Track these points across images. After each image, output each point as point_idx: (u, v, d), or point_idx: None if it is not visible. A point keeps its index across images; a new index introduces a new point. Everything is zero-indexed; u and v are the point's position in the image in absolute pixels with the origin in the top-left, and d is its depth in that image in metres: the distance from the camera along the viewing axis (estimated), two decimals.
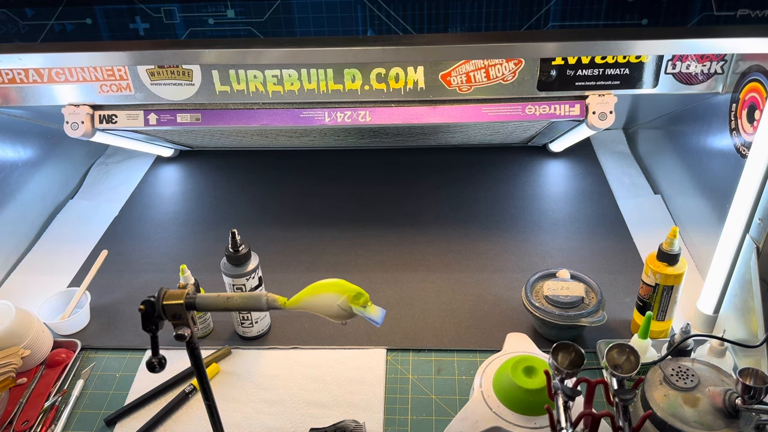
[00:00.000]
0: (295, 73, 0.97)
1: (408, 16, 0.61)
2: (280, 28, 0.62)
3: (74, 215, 1.32)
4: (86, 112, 1.04)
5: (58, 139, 1.31)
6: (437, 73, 0.96)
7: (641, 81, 0.94)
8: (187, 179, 1.44)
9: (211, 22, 0.62)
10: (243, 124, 1.03)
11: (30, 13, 0.62)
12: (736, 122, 0.91)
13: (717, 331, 0.92)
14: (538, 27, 0.61)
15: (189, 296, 0.62)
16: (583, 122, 0.98)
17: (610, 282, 1.05)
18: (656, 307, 0.90)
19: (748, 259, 0.84)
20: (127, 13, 0.62)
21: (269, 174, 1.43)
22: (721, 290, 0.90)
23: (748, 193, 0.82)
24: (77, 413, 0.88)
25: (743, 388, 0.68)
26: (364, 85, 0.97)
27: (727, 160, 0.94)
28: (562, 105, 0.97)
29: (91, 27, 0.62)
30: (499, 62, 0.94)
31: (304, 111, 1.01)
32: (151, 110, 1.04)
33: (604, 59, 0.93)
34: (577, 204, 1.27)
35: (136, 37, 0.63)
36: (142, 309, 0.58)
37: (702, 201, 1.05)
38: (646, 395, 0.75)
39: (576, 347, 0.70)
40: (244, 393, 0.89)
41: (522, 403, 0.77)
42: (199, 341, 0.96)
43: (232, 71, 0.98)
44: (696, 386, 0.75)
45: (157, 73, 0.99)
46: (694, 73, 0.94)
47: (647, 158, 1.36)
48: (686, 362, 0.79)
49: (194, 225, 1.28)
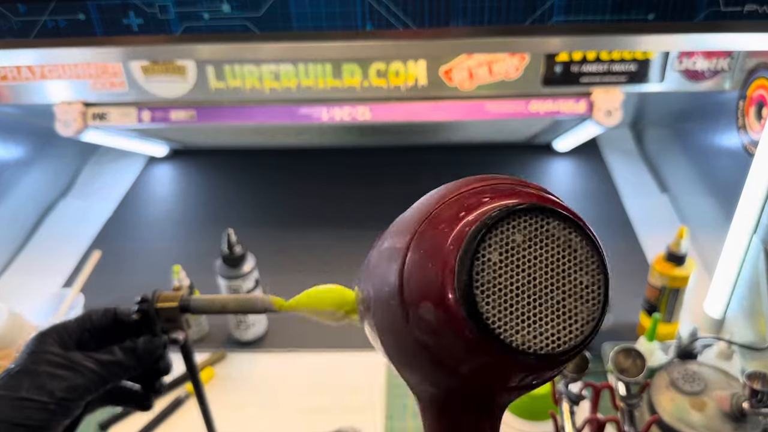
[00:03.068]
0: (292, 69, 0.95)
1: (408, 9, 0.60)
2: (277, 22, 0.61)
3: (67, 215, 1.30)
4: (78, 110, 1.02)
5: (49, 138, 1.29)
6: (439, 69, 0.94)
7: (647, 77, 0.93)
8: (181, 179, 1.42)
9: (206, 17, 0.61)
10: (239, 121, 1.01)
11: (22, 9, 0.61)
12: (744, 120, 0.89)
13: (724, 333, 0.91)
14: (542, 22, 0.60)
15: (184, 299, 0.60)
16: (589, 119, 0.97)
17: (616, 283, 1.03)
18: (663, 309, 0.88)
19: (756, 260, 0.83)
20: (120, 9, 0.61)
21: (266, 173, 1.42)
22: (729, 292, 0.89)
23: (756, 193, 0.80)
24: None
25: (750, 392, 0.67)
26: (364, 81, 0.95)
27: (735, 158, 0.92)
28: (567, 102, 0.95)
29: (85, 23, 0.61)
30: (502, 58, 0.93)
31: (302, 108, 0.99)
32: (144, 107, 1.02)
33: (610, 55, 0.92)
34: (582, 203, 1.26)
35: (129, 33, 0.62)
36: (139, 317, 0.56)
37: (709, 200, 1.04)
38: (652, 399, 0.74)
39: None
40: (240, 398, 0.88)
41: (526, 408, 0.76)
42: (194, 345, 0.95)
43: (227, 67, 0.97)
44: (703, 390, 0.74)
45: (151, 69, 0.98)
46: (701, 69, 0.93)
47: (654, 157, 1.35)
48: (693, 366, 0.78)
49: (189, 225, 1.27)
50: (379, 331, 0.26)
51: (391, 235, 0.26)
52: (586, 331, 0.23)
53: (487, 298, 0.22)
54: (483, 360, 0.22)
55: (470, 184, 0.25)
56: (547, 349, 0.22)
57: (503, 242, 0.22)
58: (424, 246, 0.23)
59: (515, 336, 0.22)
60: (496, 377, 0.23)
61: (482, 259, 0.22)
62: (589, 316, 0.23)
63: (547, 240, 0.23)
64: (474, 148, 1.44)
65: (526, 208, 0.22)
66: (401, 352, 0.25)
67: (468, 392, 0.25)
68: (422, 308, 0.23)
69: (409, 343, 0.24)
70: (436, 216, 0.24)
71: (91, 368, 0.42)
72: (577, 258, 0.23)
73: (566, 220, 0.23)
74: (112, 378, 0.43)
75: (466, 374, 0.23)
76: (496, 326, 0.22)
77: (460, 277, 0.22)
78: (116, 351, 0.44)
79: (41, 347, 0.42)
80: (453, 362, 0.23)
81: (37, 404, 0.39)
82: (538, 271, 0.22)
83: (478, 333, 0.22)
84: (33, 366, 0.41)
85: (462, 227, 0.22)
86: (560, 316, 0.22)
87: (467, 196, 0.24)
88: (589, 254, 0.23)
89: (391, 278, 0.24)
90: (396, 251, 0.24)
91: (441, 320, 0.22)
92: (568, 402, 0.67)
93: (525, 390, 0.25)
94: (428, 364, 0.24)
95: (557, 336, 0.22)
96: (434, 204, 0.25)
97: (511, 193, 0.24)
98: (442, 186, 0.27)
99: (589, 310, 0.23)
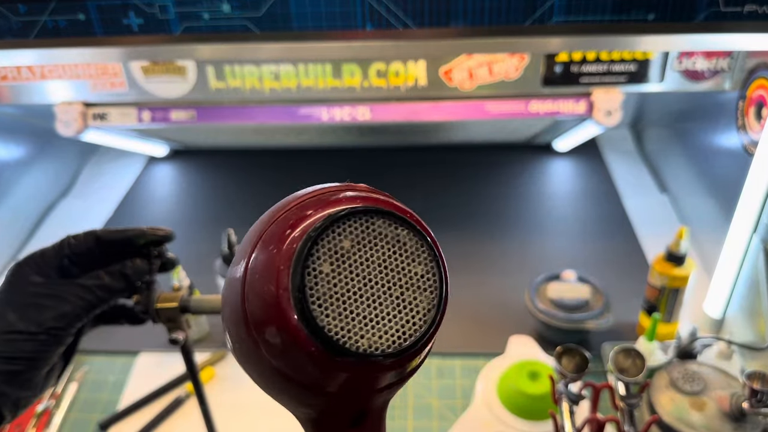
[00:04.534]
0: (292, 69, 0.95)
1: (408, 9, 0.60)
2: (277, 22, 0.61)
3: (67, 215, 1.30)
4: (79, 110, 1.02)
5: (50, 138, 1.29)
6: (439, 69, 0.94)
7: (647, 77, 0.93)
8: (181, 179, 1.42)
9: (206, 17, 0.61)
10: (239, 121, 1.01)
11: (23, 9, 0.61)
12: (744, 120, 0.89)
13: (724, 333, 0.91)
14: (542, 22, 0.60)
15: (184, 299, 0.60)
16: (589, 120, 0.97)
17: (615, 283, 1.03)
18: (663, 309, 0.88)
19: (756, 260, 0.83)
20: (120, 9, 0.61)
21: (266, 173, 1.41)
22: (728, 292, 0.89)
23: (755, 193, 0.80)
24: (70, 417, 0.86)
25: (750, 392, 0.67)
26: (364, 81, 0.95)
27: (735, 158, 0.92)
28: (567, 102, 0.95)
29: (85, 23, 0.61)
30: (502, 58, 0.93)
31: (302, 108, 0.99)
32: (144, 107, 1.02)
33: (610, 55, 0.92)
34: (582, 204, 1.26)
35: (129, 33, 0.62)
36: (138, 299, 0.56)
37: (709, 200, 1.04)
38: (652, 399, 0.74)
39: (580, 351, 0.68)
40: (240, 398, 0.87)
41: (526, 408, 0.76)
42: (194, 345, 0.95)
43: (227, 67, 0.96)
44: (703, 390, 0.74)
45: (151, 69, 0.98)
46: (700, 69, 0.93)
47: (654, 157, 1.35)
48: (693, 366, 0.78)
49: (189, 225, 1.26)
50: (242, 365, 0.26)
51: (233, 264, 0.26)
52: (428, 319, 0.23)
53: (325, 310, 0.22)
54: (339, 373, 0.23)
55: (297, 198, 0.25)
56: (394, 346, 0.22)
57: (331, 252, 0.22)
58: (258, 270, 0.23)
59: (361, 341, 0.22)
60: (359, 385, 0.23)
61: (314, 273, 0.22)
62: (429, 305, 0.23)
63: (375, 240, 0.23)
64: (474, 148, 1.44)
65: (347, 214, 0.23)
66: (264, 381, 0.25)
67: (340, 406, 0.25)
68: (268, 333, 0.23)
69: (268, 371, 0.24)
70: (266, 237, 0.24)
71: (78, 294, 0.41)
72: (408, 251, 0.23)
73: (390, 217, 0.23)
74: (100, 302, 0.42)
75: (331, 390, 0.23)
76: (339, 336, 0.22)
77: (295, 295, 0.22)
78: (102, 275, 0.43)
79: (21, 279, 0.40)
80: (312, 382, 0.23)
81: (26, 336, 0.38)
82: (372, 272, 0.23)
83: (324, 347, 0.22)
84: (17, 298, 0.39)
85: (289, 245, 0.22)
86: (401, 311, 0.23)
87: (294, 210, 0.24)
88: (418, 245, 0.24)
89: (237, 308, 0.24)
90: (236, 281, 0.24)
91: (286, 342, 0.22)
92: (567, 402, 0.67)
93: (396, 386, 0.25)
94: (292, 388, 0.24)
95: (402, 331, 0.23)
96: (265, 225, 0.25)
97: (335, 201, 0.24)
98: (278, 202, 0.26)
99: (428, 299, 0.23)
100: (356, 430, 0.26)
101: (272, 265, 0.22)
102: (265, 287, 0.22)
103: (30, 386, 0.39)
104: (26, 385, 0.38)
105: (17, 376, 0.38)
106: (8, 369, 0.37)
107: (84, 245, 0.43)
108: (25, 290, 0.40)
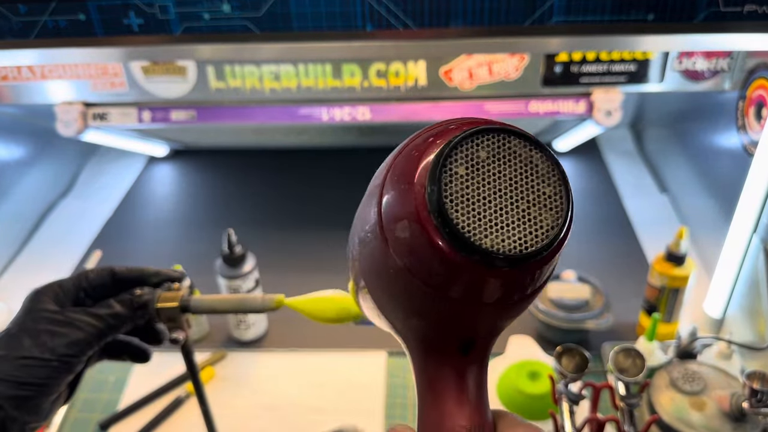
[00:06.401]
0: (292, 69, 0.95)
1: (408, 10, 0.60)
2: (277, 22, 0.61)
3: (67, 215, 1.30)
4: (79, 110, 1.02)
5: (50, 138, 1.29)
6: (438, 69, 0.94)
7: (647, 77, 0.93)
8: (182, 179, 1.42)
9: (206, 17, 0.61)
10: (239, 121, 1.01)
11: (23, 9, 0.61)
12: (743, 120, 0.89)
13: (724, 333, 0.91)
14: (542, 22, 0.60)
15: (184, 299, 0.60)
16: (589, 120, 0.97)
17: (615, 283, 1.03)
18: (663, 309, 0.88)
19: (756, 260, 0.83)
20: (120, 9, 0.61)
21: (266, 173, 1.41)
22: (728, 292, 0.89)
23: (755, 193, 0.80)
24: (70, 417, 0.86)
25: (750, 392, 0.67)
26: (364, 81, 0.95)
27: (735, 158, 0.92)
28: (567, 102, 0.95)
29: (85, 23, 0.61)
30: (502, 58, 0.93)
31: (302, 108, 0.99)
32: (144, 107, 1.02)
33: (610, 55, 0.92)
34: (582, 204, 1.26)
35: (130, 33, 0.62)
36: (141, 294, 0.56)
37: (709, 200, 1.04)
38: (652, 399, 0.74)
39: (580, 350, 0.68)
40: (240, 398, 0.87)
41: (525, 408, 0.76)
42: (194, 345, 0.95)
43: (227, 67, 0.96)
44: (702, 390, 0.74)
45: (151, 69, 0.98)
46: (700, 69, 0.93)
47: (654, 157, 1.35)
48: (693, 365, 0.78)
49: (189, 225, 1.26)
50: (365, 279, 0.28)
51: (373, 180, 0.28)
52: (550, 235, 0.24)
53: (455, 206, 0.24)
54: (460, 273, 0.24)
55: (437, 124, 0.28)
56: (515, 251, 0.24)
57: (469, 158, 0.24)
58: (398, 173, 0.25)
59: (484, 240, 0.23)
60: (476, 293, 0.25)
61: (449, 173, 0.24)
62: (553, 223, 0.24)
63: (510, 156, 0.25)
64: None
65: (488, 129, 0.24)
66: (385, 287, 0.27)
67: (454, 321, 0.27)
68: (399, 228, 0.24)
69: (393, 272, 0.25)
70: (408, 149, 0.26)
71: (90, 322, 0.42)
72: (539, 172, 0.25)
73: (527, 139, 0.25)
74: (110, 330, 0.43)
75: (452, 295, 0.25)
76: (465, 231, 0.23)
77: (430, 188, 0.23)
78: (113, 303, 0.44)
79: (38, 306, 0.42)
80: (435, 281, 0.25)
81: (40, 362, 0.39)
82: (502, 183, 0.24)
83: (450, 240, 0.23)
84: (32, 325, 0.41)
85: (431, 148, 0.25)
86: (526, 222, 0.24)
87: (435, 129, 0.26)
88: (550, 168, 0.25)
89: (371, 216, 0.26)
90: (374, 189, 0.26)
91: (416, 234, 0.24)
92: (567, 402, 0.67)
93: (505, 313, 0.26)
94: (415, 289, 0.25)
95: (524, 239, 0.24)
96: (406, 143, 0.27)
97: (475, 122, 0.26)
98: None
99: (553, 218, 0.24)
100: (463, 358, 0.28)
101: (413, 166, 0.24)
102: (403, 185, 0.24)
103: (37, 411, 0.40)
104: (34, 410, 0.39)
105: (27, 401, 0.39)
106: (19, 394, 0.38)
107: (99, 279, 0.46)
108: (42, 317, 0.41)
